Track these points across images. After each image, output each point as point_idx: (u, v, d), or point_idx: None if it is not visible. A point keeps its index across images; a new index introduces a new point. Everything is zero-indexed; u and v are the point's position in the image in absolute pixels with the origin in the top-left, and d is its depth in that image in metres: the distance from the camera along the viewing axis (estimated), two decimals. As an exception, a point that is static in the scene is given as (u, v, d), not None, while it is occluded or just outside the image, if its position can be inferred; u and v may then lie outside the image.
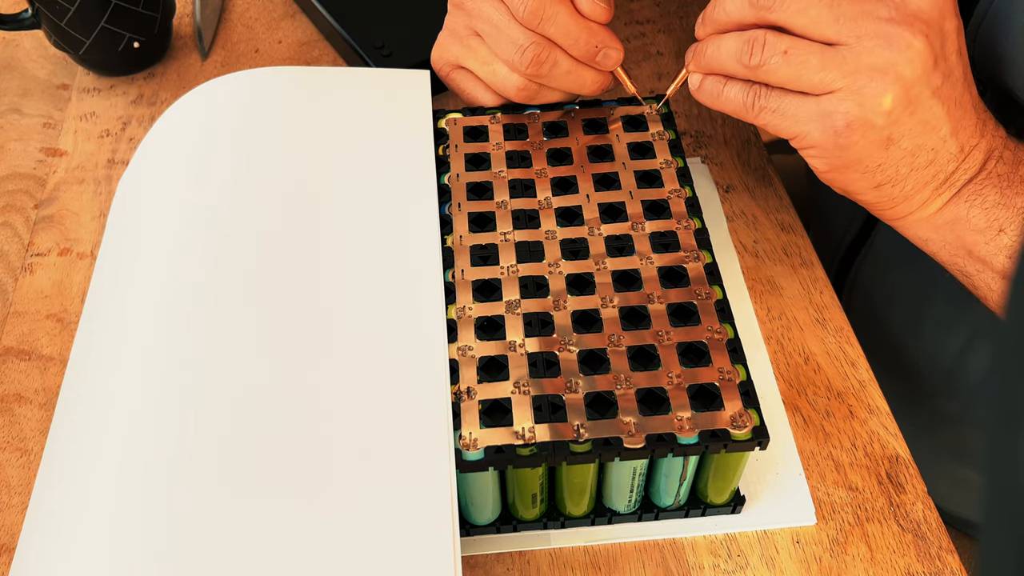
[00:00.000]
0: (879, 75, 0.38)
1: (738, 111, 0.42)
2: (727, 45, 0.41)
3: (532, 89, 0.47)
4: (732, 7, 0.41)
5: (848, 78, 0.38)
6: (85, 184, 0.57)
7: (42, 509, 0.38)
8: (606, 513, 0.42)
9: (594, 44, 0.45)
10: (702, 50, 0.43)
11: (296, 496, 0.36)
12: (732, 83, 0.42)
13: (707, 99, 0.43)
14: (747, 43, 0.40)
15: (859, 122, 0.39)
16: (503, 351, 0.40)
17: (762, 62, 0.40)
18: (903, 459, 0.45)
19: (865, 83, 0.38)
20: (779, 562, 0.42)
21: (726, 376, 0.38)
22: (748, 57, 0.40)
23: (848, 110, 0.39)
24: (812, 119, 0.40)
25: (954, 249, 0.43)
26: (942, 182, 0.41)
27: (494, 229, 0.44)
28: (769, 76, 0.40)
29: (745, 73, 0.41)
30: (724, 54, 0.41)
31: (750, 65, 0.40)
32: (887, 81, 0.38)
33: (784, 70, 0.39)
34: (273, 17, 0.68)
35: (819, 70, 0.39)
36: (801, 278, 0.52)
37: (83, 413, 0.40)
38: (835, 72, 0.39)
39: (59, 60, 0.65)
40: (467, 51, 0.48)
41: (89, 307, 0.45)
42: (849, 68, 0.38)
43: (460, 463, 0.36)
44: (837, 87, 0.39)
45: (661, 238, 0.44)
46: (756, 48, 0.40)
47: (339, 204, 0.45)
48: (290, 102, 0.50)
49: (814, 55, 0.39)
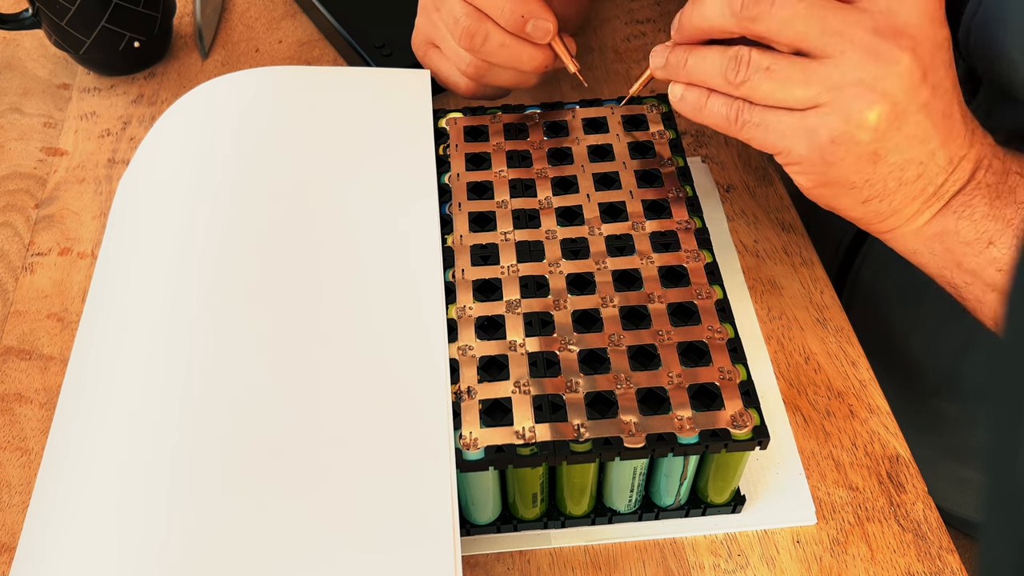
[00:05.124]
0: (865, 90, 0.37)
1: (720, 125, 0.41)
2: (711, 59, 0.40)
3: (480, 67, 0.48)
4: (713, 14, 0.40)
5: (832, 93, 0.38)
6: (86, 184, 0.57)
7: (43, 509, 0.38)
8: (606, 513, 0.42)
9: (520, 14, 0.45)
10: (681, 60, 0.42)
11: (296, 495, 0.36)
12: (715, 96, 0.41)
13: (688, 111, 0.42)
14: (732, 59, 0.39)
15: (844, 137, 0.38)
16: (503, 351, 0.40)
17: (746, 78, 0.39)
18: (903, 459, 0.45)
19: (850, 98, 0.37)
20: (779, 562, 0.42)
21: (726, 376, 0.38)
22: (734, 73, 0.39)
23: (833, 125, 0.38)
24: (796, 134, 0.39)
25: (943, 261, 0.43)
26: (931, 195, 0.41)
27: (494, 229, 0.44)
28: (752, 92, 0.39)
29: (728, 88, 0.40)
30: (708, 67, 0.41)
31: (734, 81, 0.39)
32: (873, 97, 0.37)
33: (766, 85, 0.39)
34: (273, 17, 0.68)
35: (802, 85, 0.38)
36: (801, 278, 0.52)
37: (84, 413, 0.40)
38: (818, 87, 0.38)
39: (59, 60, 0.65)
40: (433, 28, 0.49)
41: (90, 307, 0.45)
42: (833, 83, 0.37)
43: (460, 463, 0.36)
44: (822, 101, 0.38)
45: (661, 238, 0.44)
46: (741, 64, 0.39)
47: (339, 204, 0.45)
48: (290, 102, 0.50)
49: (797, 70, 0.38)
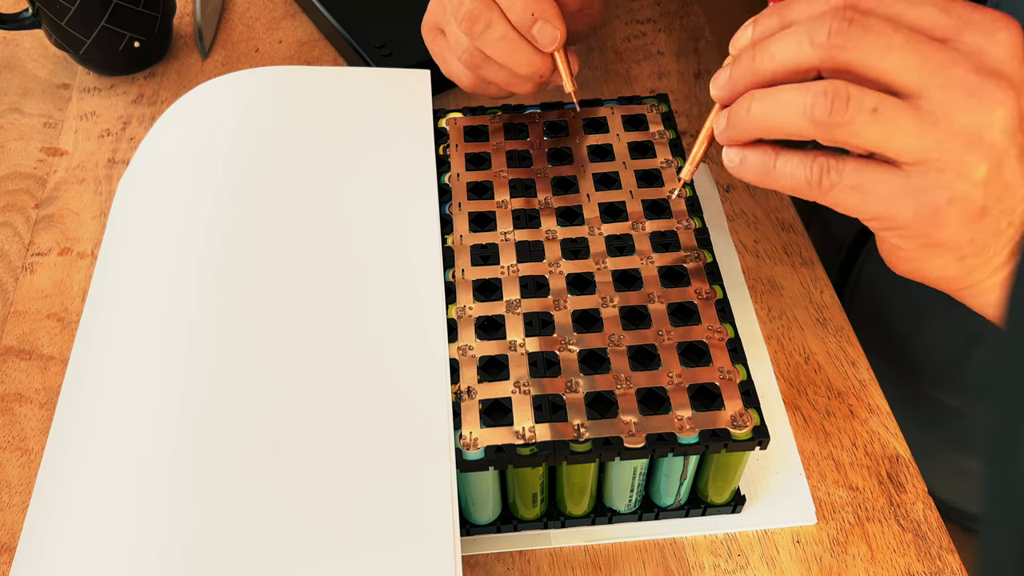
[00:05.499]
0: (975, 141, 0.32)
1: (799, 188, 0.35)
2: (787, 97, 0.33)
3: (475, 56, 0.46)
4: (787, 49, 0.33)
5: (944, 145, 0.32)
6: (85, 184, 0.57)
7: (43, 509, 0.38)
8: (606, 513, 0.42)
9: (531, 11, 0.43)
10: (743, 109, 0.35)
11: (296, 495, 0.36)
12: (787, 154, 0.35)
13: (753, 176, 0.36)
14: (822, 95, 0.32)
15: (960, 198, 0.33)
16: (503, 351, 0.40)
17: (847, 120, 0.32)
18: (903, 459, 0.45)
19: (962, 152, 0.32)
20: (779, 562, 0.42)
21: (726, 376, 0.38)
22: (827, 112, 0.32)
23: (948, 184, 0.32)
24: (902, 196, 0.33)
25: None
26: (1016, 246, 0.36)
27: (494, 229, 0.44)
28: (853, 138, 0.33)
29: (813, 132, 0.33)
30: (783, 108, 0.34)
31: (829, 122, 0.32)
32: (982, 149, 0.32)
33: (873, 131, 0.32)
34: (273, 17, 0.68)
35: (914, 135, 0.32)
36: (802, 278, 0.52)
37: (84, 413, 0.40)
38: (930, 138, 0.32)
39: (59, 60, 0.65)
40: (441, 12, 0.47)
41: (90, 307, 0.45)
42: (943, 133, 0.32)
43: (460, 463, 0.36)
44: (931, 157, 0.32)
45: (662, 237, 0.44)
46: (838, 101, 0.32)
47: (339, 204, 0.45)
48: (290, 102, 0.50)
49: (908, 117, 0.32)
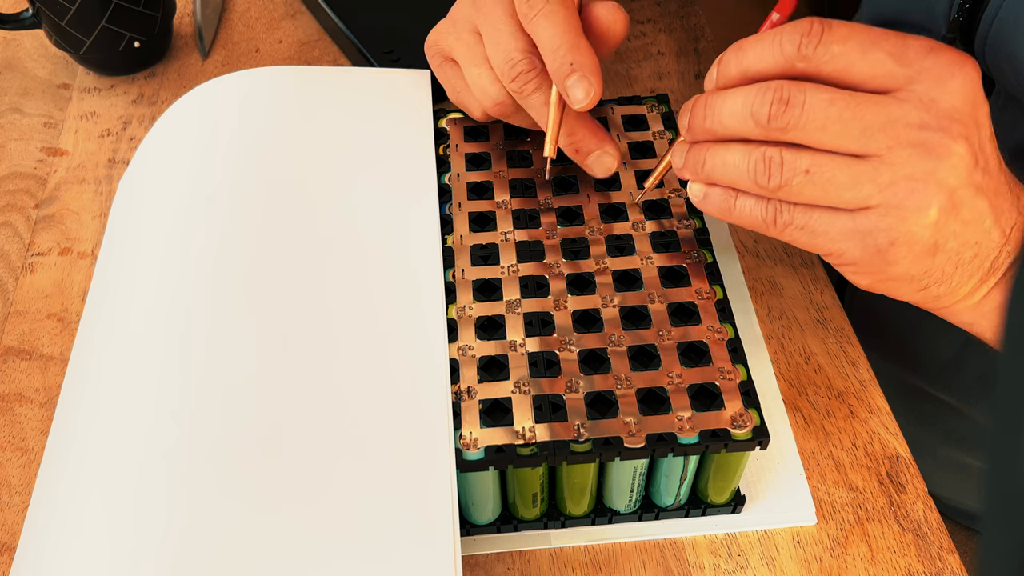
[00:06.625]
0: (920, 185, 0.34)
1: (757, 226, 0.37)
2: (733, 160, 0.36)
3: (508, 106, 0.45)
4: (732, 121, 0.36)
5: (885, 192, 0.34)
6: (86, 184, 0.57)
7: (43, 509, 0.38)
8: (606, 513, 0.42)
9: (569, 62, 0.41)
10: (699, 159, 0.38)
11: (296, 495, 0.36)
12: (745, 196, 0.38)
13: (716, 212, 0.39)
14: (760, 162, 0.35)
15: (904, 238, 0.35)
16: (503, 351, 0.40)
17: (783, 183, 0.35)
18: (903, 459, 0.45)
19: (905, 196, 0.34)
20: (779, 562, 0.42)
21: (726, 376, 0.38)
22: (765, 178, 0.35)
23: (890, 226, 0.35)
24: (849, 237, 0.36)
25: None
26: (987, 270, 0.38)
27: (494, 229, 0.44)
28: (795, 197, 0.36)
29: (761, 193, 0.36)
30: (732, 170, 0.37)
31: (769, 185, 0.35)
32: (929, 192, 0.34)
33: (809, 190, 0.35)
34: (274, 17, 0.68)
35: (850, 187, 0.35)
36: (802, 278, 0.52)
37: (84, 413, 0.40)
38: (869, 187, 0.34)
39: (60, 60, 0.65)
40: (461, 46, 0.46)
41: (90, 306, 0.45)
42: (884, 181, 0.34)
43: (460, 463, 0.36)
44: (873, 203, 0.35)
45: (661, 238, 0.44)
46: (774, 168, 0.35)
47: (339, 204, 0.45)
48: (291, 102, 0.50)
49: (841, 170, 0.35)
